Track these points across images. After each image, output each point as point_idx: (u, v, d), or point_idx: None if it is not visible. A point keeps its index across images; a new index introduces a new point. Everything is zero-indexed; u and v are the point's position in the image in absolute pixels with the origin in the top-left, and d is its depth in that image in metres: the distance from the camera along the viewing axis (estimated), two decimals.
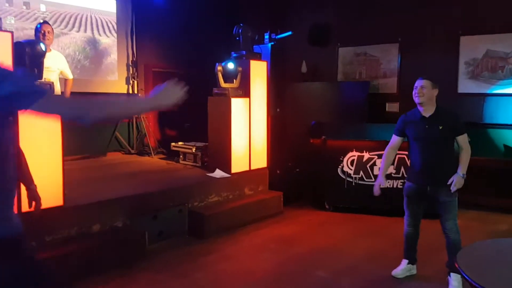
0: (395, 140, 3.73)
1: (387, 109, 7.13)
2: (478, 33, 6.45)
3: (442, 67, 6.72)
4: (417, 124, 3.54)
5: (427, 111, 3.52)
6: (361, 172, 5.67)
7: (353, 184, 5.71)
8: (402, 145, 3.80)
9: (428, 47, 6.85)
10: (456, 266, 2.36)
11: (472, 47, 6.54)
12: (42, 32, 4.93)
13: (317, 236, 4.94)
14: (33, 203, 2.26)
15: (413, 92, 3.54)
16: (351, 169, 5.72)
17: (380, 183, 3.68)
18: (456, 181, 3.41)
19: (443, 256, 4.14)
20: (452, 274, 3.54)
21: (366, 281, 3.76)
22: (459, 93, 6.64)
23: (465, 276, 2.23)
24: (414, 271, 3.83)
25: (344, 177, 5.77)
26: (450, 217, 3.50)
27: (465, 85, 6.63)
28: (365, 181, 5.64)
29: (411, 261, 3.82)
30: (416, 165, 3.57)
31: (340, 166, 5.80)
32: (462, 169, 3.44)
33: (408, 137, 3.65)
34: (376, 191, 3.69)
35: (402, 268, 3.81)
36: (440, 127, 3.45)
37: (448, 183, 3.42)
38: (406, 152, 5.16)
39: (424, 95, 3.48)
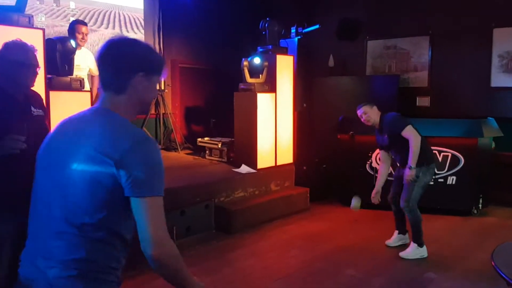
0: (381, 153, 4.44)
1: (417, 104, 6.95)
2: None
3: (474, 60, 6.52)
4: (378, 136, 4.31)
5: (377, 125, 4.23)
6: (390, 168, 5.54)
7: None
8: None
9: (460, 40, 6.65)
10: (493, 264, 2.34)
11: (506, 40, 6.31)
12: (81, 34, 4.99)
13: (345, 233, 4.87)
14: None
15: (362, 120, 4.22)
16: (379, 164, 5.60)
17: (378, 192, 4.31)
18: (407, 173, 3.96)
19: (475, 256, 4.03)
20: (411, 242, 4.11)
21: (396, 281, 3.69)
22: (492, 87, 6.42)
23: (501, 274, 2.19)
24: (407, 240, 4.31)
25: (372, 173, 5.66)
26: (403, 196, 4.05)
27: (499, 79, 6.41)
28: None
29: (401, 232, 4.39)
30: (393, 159, 4.37)
31: (368, 162, 5.69)
32: (410, 162, 3.93)
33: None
34: (375, 200, 4.32)
35: (394, 238, 4.40)
36: (385, 136, 4.13)
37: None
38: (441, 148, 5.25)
39: (370, 119, 4.16)
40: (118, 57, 1.43)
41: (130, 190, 1.32)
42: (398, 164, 4.31)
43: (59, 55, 4.05)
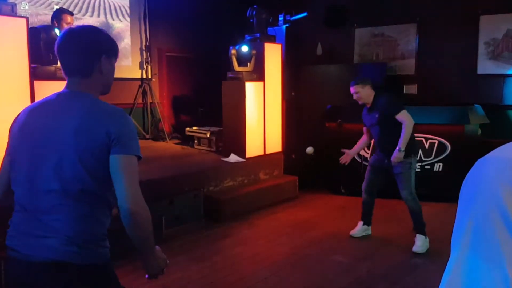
0: (364, 129, 4.31)
1: (404, 91, 6.99)
2: (498, 12, 6.26)
3: (461, 47, 6.56)
4: (366, 114, 4.18)
5: (369, 104, 4.12)
6: (366, 154, 5.59)
7: None
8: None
9: (447, 27, 6.68)
10: None
11: (492, 27, 6.35)
12: (67, 24, 4.89)
13: (333, 220, 4.91)
14: None
15: (353, 97, 4.14)
16: (368, 153, 5.65)
17: (351, 155, 4.32)
18: (395, 155, 3.89)
19: None
20: (417, 235, 4.03)
21: (383, 266, 3.74)
22: (479, 74, 6.48)
23: None
24: (369, 232, 4.39)
25: (360, 160, 5.70)
26: (404, 187, 3.97)
27: (485, 66, 6.47)
28: None
29: (366, 223, 4.38)
30: (375, 144, 4.26)
31: None
32: (400, 144, 3.88)
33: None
34: (344, 159, 4.32)
35: (358, 229, 4.37)
36: (377, 115, 4.01)
37: (392, 158, 3.91)
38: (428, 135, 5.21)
39: (362, 97, 4.07)
40: (84, 44, 1.56)
41: (114, 150, 1.47)
42: (379, 149, 4.17)
43: (43, 44, 3.99)
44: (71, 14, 5.10)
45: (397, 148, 3.86)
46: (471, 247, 0.65)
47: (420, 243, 3.99)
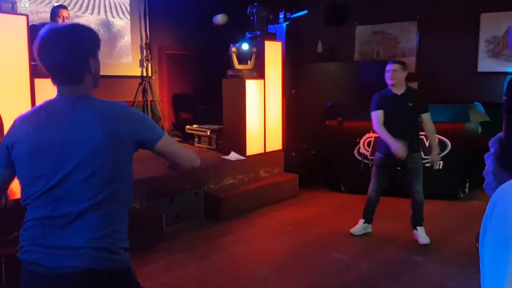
0: (379, 114, 4.03)
1: None
2: (499, 10, 6.24)
3: (461, 45, 6.55)
4: (390, 100, 4.00)
5: (398, 90, 4.00)
6: (366, 153, 5.59)
7: (370, 165, 5.63)
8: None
9: (448, 25, 6.67)
10: (477, 246, 2.36)
11: (492, 25, 6.34)
12: (61, 17, 4.91)
13: (333, 218, 4.91)
14: None
15: (386, 75, 3.98)
16: (368, 151, 5.65)
17: (402, 144, 3.85)
18: (436, 160, 4.04)
19: (461, 239, 4.10)
20: (418, 227, 4.08)
21: (383, 264, 3.74)
22: (479, 71, 6.47)
23: None
24: (370, 229, 4.35)
25: (360, 158, 5.70)
26: (418, 181, 4.04)
27: (485, 64, 6.46)
28: None
29: (367, 221, 4.34)
30: (392, 132, 3.96)
31: (356, 148, 5.73)
32: (435, 148, 4.03)
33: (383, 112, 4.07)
34: (403, 151, 3.85)
35: (359, 227, 4.32)
36: (410, 104, 3.94)
37: (430, 165, 4.02)
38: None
39: (396, 78, 3.93)
40: (74, 44, 1.51)
41: (149, 145, 1.57)
42: (396, 137, 3.89)
43: None
44: (65, 8, 5.13)
45: (435, 153, 4.02)
46: None
47: (424, 234, 4.07)
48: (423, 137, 5.39)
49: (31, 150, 1.49)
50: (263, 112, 5.76)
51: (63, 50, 1.49)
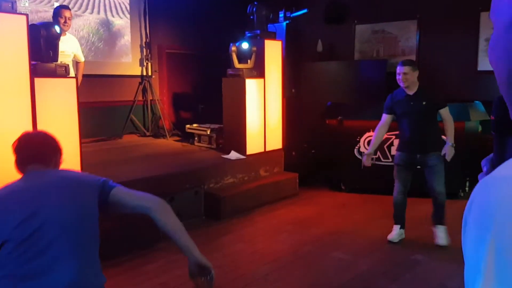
0: (385, 118, 4.09)
1: None
2: None
3: (461, 44, 6.54)
4: (403, 101, 3.96)
5: (411, 90, 3.94)
6: (378, 153, 5.59)
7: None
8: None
9: (448, 23, 6.66)
10: None
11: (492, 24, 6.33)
12: (63, 18, 4.91)
13: (333, 217, 4.91)
14: None
15: (397, 78, 3.92)
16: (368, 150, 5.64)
17: (370, 154, 4.11)
18: (448, 151, 3.87)
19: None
20: (438, 226, 3.99)
21: (383, 262, 3.74)
22: (479, 70, 6.46)
23: None
24: (403, 236, 4.17)
25: (360, 157, 5.69)
26: (439, 180, 3.93)
27: (485, 63, 6.44)
28: (382, 161, 5.57)
29: (402, 226, 4.15)
30: (405, 136, 4.01)
31: (356, 147, 5.73)
32: (450, 140, 3.89)
33: (396, 113, 4.04)
34: (367, 162, 4.09)
35: (396, 233, 4.14)
36: (424, 103, 3.90)
37: (442, 154, 3.87)
38: None
39: (408, 80, 3.87)
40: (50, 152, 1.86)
41: (107, 189, 1.84)
42: (409, 140, 3.96)
43: (43, 41, 3.97)
44: (68, 8, 5.14)
45: (449, 144, 3.87)
46: (496, 277, 0.50)
47: (444, 235, 3.95)
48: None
49: (22, 231, 1.72)
50: (263, 111, 5.75)
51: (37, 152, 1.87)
